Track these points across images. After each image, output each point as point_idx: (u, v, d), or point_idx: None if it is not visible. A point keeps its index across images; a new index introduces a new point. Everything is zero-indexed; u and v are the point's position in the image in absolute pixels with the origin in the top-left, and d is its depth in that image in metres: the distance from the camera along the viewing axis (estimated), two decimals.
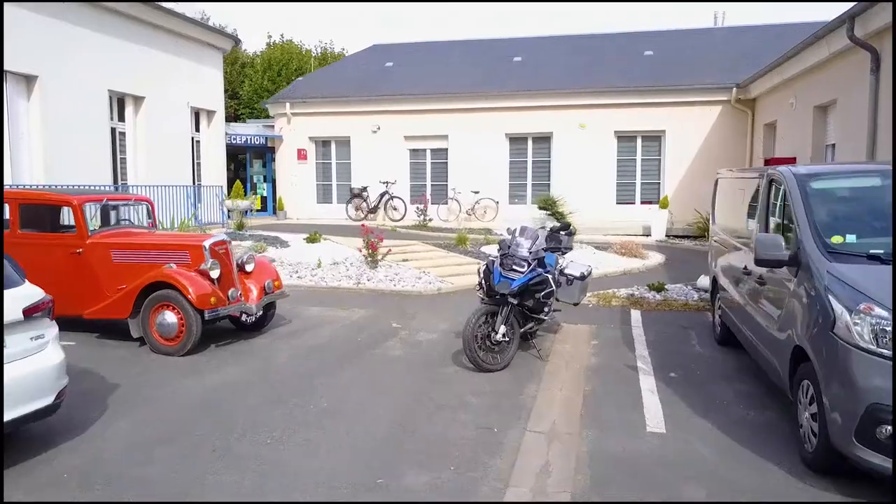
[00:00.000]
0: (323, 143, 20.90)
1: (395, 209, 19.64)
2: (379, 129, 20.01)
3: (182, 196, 15.66)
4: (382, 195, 19.78)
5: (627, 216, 18.48)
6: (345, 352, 7.24)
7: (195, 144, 18.59)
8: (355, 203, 19.98)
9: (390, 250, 12.26)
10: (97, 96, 14.40)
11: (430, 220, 18.14)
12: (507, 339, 6.59)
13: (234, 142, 20.29)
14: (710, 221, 8.92)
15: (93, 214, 7.68)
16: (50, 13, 13.08)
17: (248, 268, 7.87)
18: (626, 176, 18.98)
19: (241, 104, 29.92)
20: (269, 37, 34.49)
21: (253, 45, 48.79)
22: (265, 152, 21.56)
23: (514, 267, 6.61)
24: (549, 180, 19.33)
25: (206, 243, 7.34)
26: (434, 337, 8.03)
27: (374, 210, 19.81)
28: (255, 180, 21.79)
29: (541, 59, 21.07)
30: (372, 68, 21.96)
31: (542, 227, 7.01)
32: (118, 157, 15.58)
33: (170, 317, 6.91)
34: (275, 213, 20.78)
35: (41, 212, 7.89)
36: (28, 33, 12.50)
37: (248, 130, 21.16)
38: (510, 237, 6.96)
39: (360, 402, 5.66)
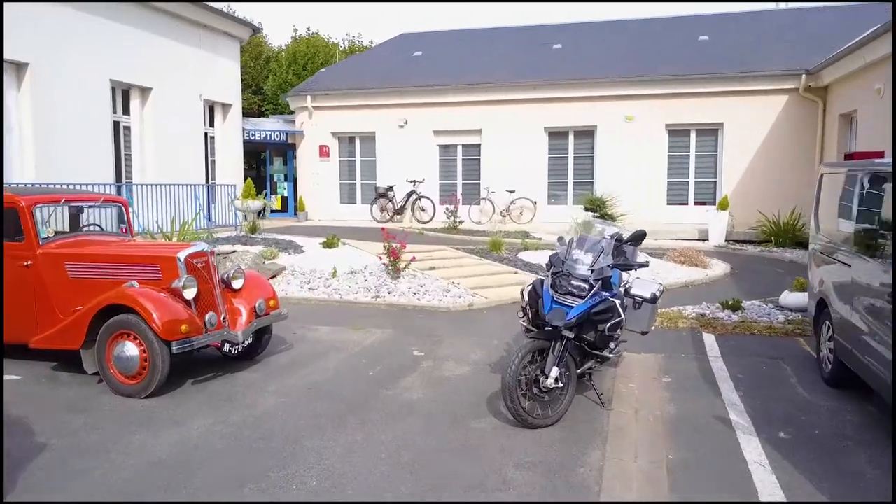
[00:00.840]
0: (346, 139, 19.48)
1: (423, 210, 18.13)
2: (406, 123, 18.52)
3: (190, 195, 14.37)
4: (409, 195, 18.28)
5: (680, 218, 16.68)
6: (350, 395, 5.71)
7: (209, 140, 17.33)
8: (380, 203, 18.52)
9: (414, 258, 10.74)
10: (97, 87, 13.16)
11: (461, 221, 16.58)
12: (560, 385, 5.00)
13: (252, 138, 19.00)
14: (812, 227, 7.18)
15: (46, 219, 6.29)
16: None
17: (236, 284, 6.40)
18: (679, 174, 17.16)
19: (265, 100, 28.72)
20: (295, 30, 33.25)
21: (278, 38, 47.71)
22: (286, 149, 20.25)
23: (571, 290, 5.01)
24: (591, 178, 17.61)
25: (182, 255, 5.89)
26: (464, 371, 6.47)
27: (400, 211, 18.33)
28: (275, 179, 20.49)
29: (582, 45, 19.34)
30: (399, 58, 20.47)
31: (605, 237, 5.32)
32: (122, 153, 14.35)
33: (130, 349, 5.47)
34: (295, 214, 19.44)
35: None
36: (18, 16, 11.26)
37: (268, 126, 19.87)
38: (563, 248, 5.35)
39: (359, 482, 4.12)
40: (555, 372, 4.92)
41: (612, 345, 5.28)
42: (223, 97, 17.30)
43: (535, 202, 17.57)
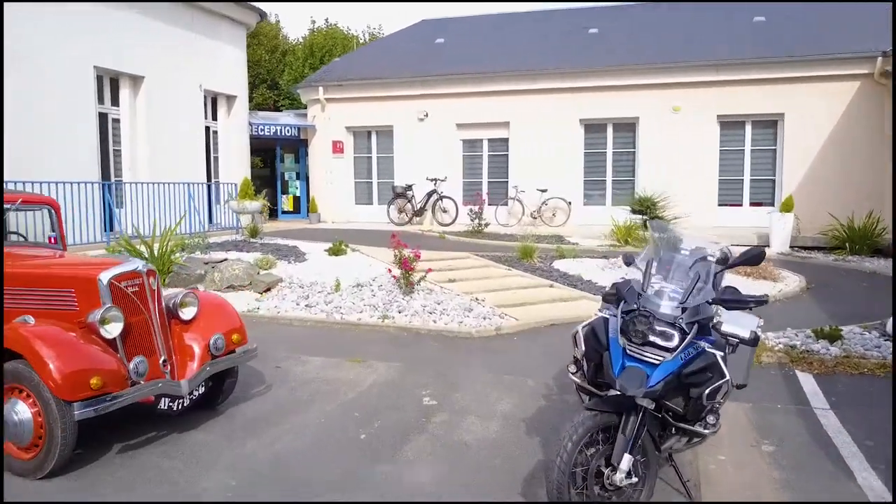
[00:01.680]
0: (362, 134, 17.91)
1: (444, 211, 16.49)
2: (427, 115, 16.89)
3: (189, 195, 12.88)
4: (430, 195, 16.65)
5: (733, 221, 14.81)
6: (328, 476, 4.08)
7: (212, 135, 15.89)
8: (398, 204, 16.92)
9: (430, 270, 9.10)
10: (79, 74, 11.74)
11: (487, 224, 14.88)
12: (634, 479, 3.32)
13: (260, 133, 17.53)
14: None
15: None
16: None
17: (186, 314, 4.80)
18: (732, 171, 15.27)
19: (280, 94, 27.36)
20: (313, 21, 31.72)
21: (296, 31, 46.12)
22: (298, 146, 18.75)
23: (653, 338, 3.31)
24: (632, 176, 15.80)
25: (104, 276, 4.31)
26: (490, 431, 4.80)
27: (420, 212, 16.71)
28: (286, 178, 19.01)
29: (622, 29, 17.51)
30: (420, 46, 18.84)
31: (702, 257, 3.58)
32: (111, 148, 12.94)
33: (21, 411, 3.92)
34: (308, 215, 17.92)
35: None
36: None
37: (278, 120, 18.37)
38: (641, 269, 3.64)
39: None
40: (627, 462, 3.24)
41: (710, 418, 3.55)
42: (227, 88, 15.85)
43: (570, 202, 15.82)
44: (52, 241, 5.59)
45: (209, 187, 14.40)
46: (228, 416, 5.02)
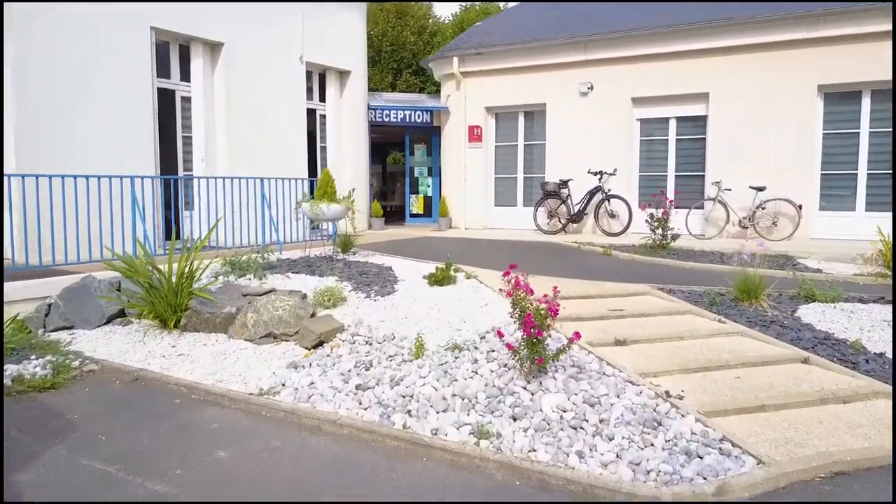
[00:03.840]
0: (506, 116, 14.09)
1: (612, 216, 12.22)
2: (591, 88, 12.69)
3: (270, 191, 9.83)
4: (592, 193, 12.45)
5: None
6: None
7: (318, 120, 12.92)
8: (549, 206, 12.90)
9: (578, 335, 5.02)
10: (130, 39, 9.10)
11: (676, 234, 10.35)
12: None
13: (385, 119, 14.34)
14: None
15: None
16: None
17: None
18: None
19: (427, 80, 24.33)
20: None
21: (446, 8, 42.62)
22: (430, 134, 15.35)
23: None
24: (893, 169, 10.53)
25: None
26: None
27: (577, 217, 12.57)
28: (416, 174, 15.69)
29: None
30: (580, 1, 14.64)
31: None
32: (179, 133, 10.28)
33: None
34: (438, 219, 14.44)
35: None
36: None
37: (405, 102, 15.06)
38: None
39: None
40: None
41: None
42: (338, 61, 12.78)
43: (800, 206, 10.85)
44: None
45: (306, 183, 11.33)
46: None
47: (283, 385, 5.00)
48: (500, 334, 4.75)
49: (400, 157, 21.75)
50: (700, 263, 8.99)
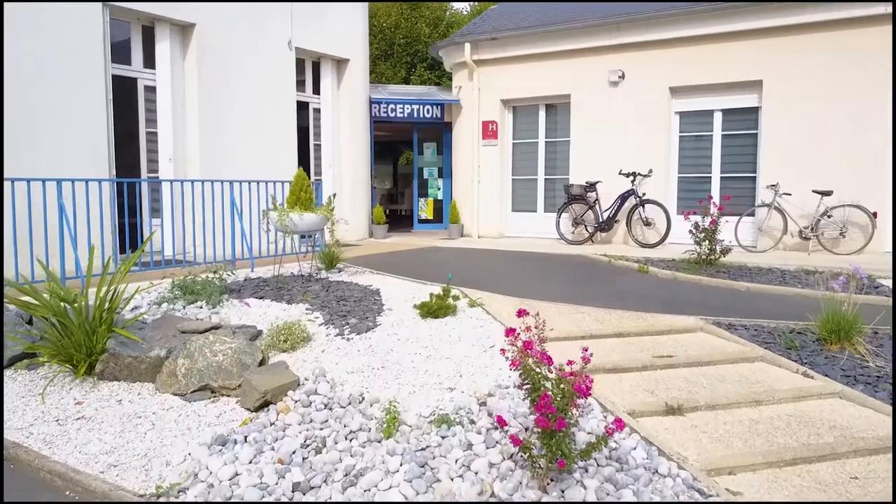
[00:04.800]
0: (525, 111, 12.50)
1: (647, 224, 10.59)
2: (623, 77, 11.07)
3: (242, 197, 8.36)
4: (624, 198, 10.82)
5: None
6: None
7: (313, 114, 11.47)
8: (574, 212, 11.30)
9: (620, 423, 3.46)
10: (75, 17, 7.69)
11: (726, 247, 8.62)
12: None
13: (389, 114, 12.84)
14: None
15: None
16: None
17: None
18: None
19: (442, 74, 22.83)
20: None
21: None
22: (441, 131, 13.82)
23: None
24: None
25: None
26: None
27: (607, 224, 10.95)
28: (425, 175, 14.17)
29: None
30: None
31: None
32: (142, 129, 8.87)
33: None
34: (448, 226, 12.89)
35: None
36: None
37: (412, 94, 13.52)
38: None
39: None
40: None
41: None
42: (335, 48, 11.32)
43: (874, 214, 9.12)
44: None
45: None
46: None
47: (195, 476, 3.51)
48: (502, 423, 3.18)
49: (412, 156, 20.27)
50: (759, 284, 7.34)
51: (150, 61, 8.82)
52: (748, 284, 7.44)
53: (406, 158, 21.51)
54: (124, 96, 8.63)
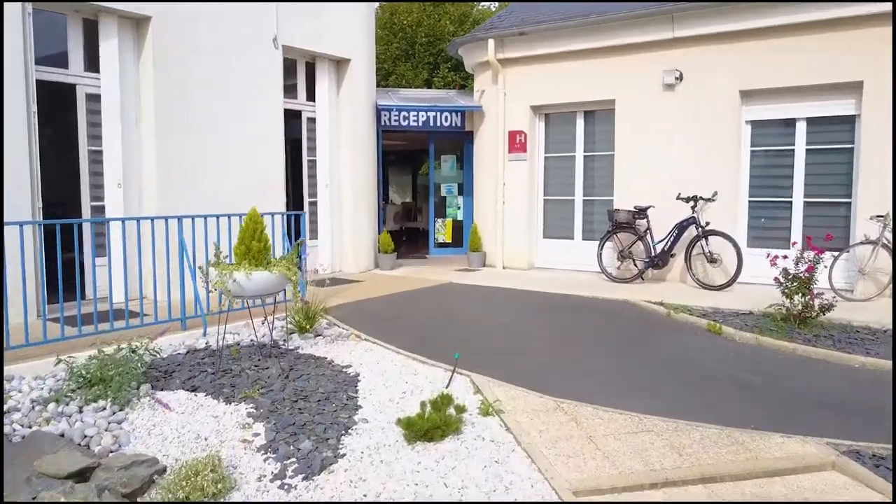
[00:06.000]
0: (559, 119, 10.54)
1: (711, 260, 8.56)
2: (680, 78, 9.05)
3: (203, 233, 6.58)
4: (683, 227, 8.81)
5: None
6: None
7: (307, 124, 9.70)
8: (619, 242, 9.33)
9: None
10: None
11: (829, 304, 6.52)
12: None
13: (401, 122, 11.02)
14: None
15: None
16: None
17: None
18: None
19: (467, 76, 21.00)
20: None
21: None
22: (462, 141, 11.95)
23: None
24: None
25: None
26: None
27: (661, 260, 8.95)
28: (443, 192, 12.30)
29: None
30: None
31: None
32: (83, 147, 7.17)
33: None
34: (469, 254, 10.99)
35: None
36: None
37: (427, 100, 11.64)
38: None
39: None
40: None
41: None
42: (333, 46, 9.53)
43: None
44: None
45: (275, 219, 8.02)
46: None
47: None
48: None
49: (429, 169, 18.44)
50: (876, 359, 5.39)
51: (94, 64, 7.11)
52: (862, 359, 5.49)
53: (427, 168, 19.66)
54: (58, 107, 6.95)
